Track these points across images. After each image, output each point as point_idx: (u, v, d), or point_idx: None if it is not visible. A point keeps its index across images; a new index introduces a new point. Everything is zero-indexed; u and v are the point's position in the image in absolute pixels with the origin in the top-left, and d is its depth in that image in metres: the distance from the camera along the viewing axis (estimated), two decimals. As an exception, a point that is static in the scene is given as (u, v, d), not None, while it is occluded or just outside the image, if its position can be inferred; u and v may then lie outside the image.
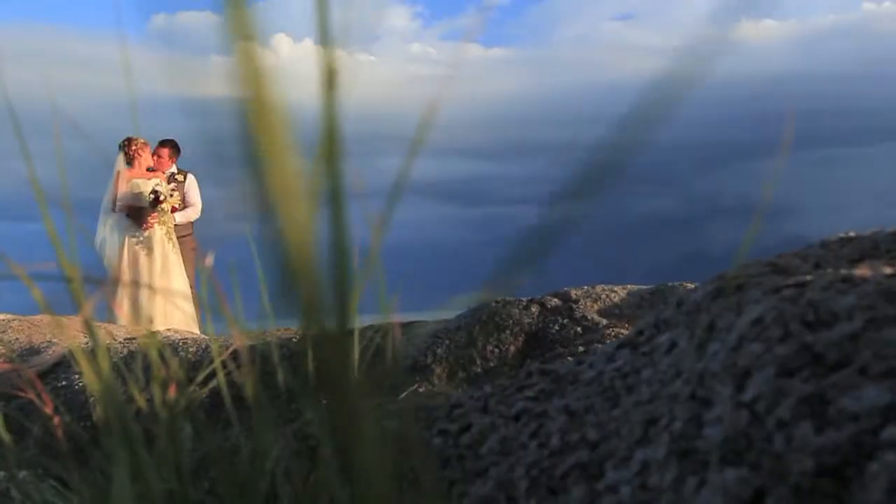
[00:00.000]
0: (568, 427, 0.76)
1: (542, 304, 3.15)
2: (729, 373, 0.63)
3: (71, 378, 2.83)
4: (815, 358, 0.58)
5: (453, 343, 3.10)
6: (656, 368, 0.76)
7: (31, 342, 3.84)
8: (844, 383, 0.54)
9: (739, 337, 0.67)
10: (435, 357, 3.09)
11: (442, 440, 0.87)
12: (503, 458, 0.79)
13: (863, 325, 0.58)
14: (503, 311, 3.13)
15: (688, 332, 0.78)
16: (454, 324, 3.21)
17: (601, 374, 0.86)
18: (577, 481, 0.66)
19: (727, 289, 0.81)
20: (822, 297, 0.64)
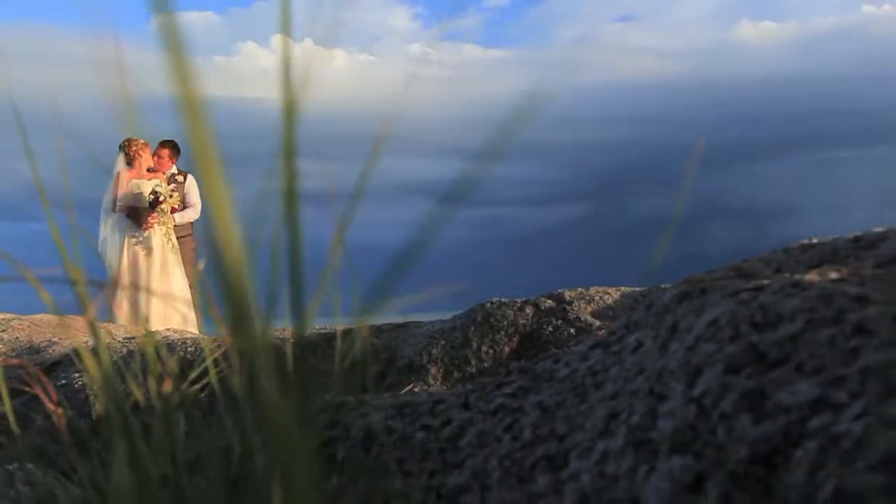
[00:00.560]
0: (540, 421, 0.82)
1: (537, 305, 3.20)
2: (683, 370, 0.69)
3: (71, 377, 2.89)
4: (759, 356, 0.63)
5: (449, 343, 3.15)
6: (622, 366, 0.82)
7: (31, 341, 3.90)
8: (782, 379, 0.59)
9: (696, 337, 0.73)
10: (430, 357, 3.14)
11: (424, 434, 0.93)
12: (479, 450, 0.84)
13: (802, 326, 0.63)
14: (498, 313, 3.19)
15: (653, 333, 0.84)
16: (450, 324, 3.26)
17: (574, 372, 0.91)
18: (543, 471, 0.72)
19: (692, 292, 0.86)
20: (772, 301, 0.70)
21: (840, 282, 0.69)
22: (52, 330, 4.03)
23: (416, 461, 0.89)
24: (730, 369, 0.64)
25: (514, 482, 0.74)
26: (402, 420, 0.98)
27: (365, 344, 2.43)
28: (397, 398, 1.05)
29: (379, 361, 3.22)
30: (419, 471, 0.87)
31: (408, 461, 0.90)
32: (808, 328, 0.63)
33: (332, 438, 0.99)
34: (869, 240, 0.88)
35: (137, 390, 0.69)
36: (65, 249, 0.69)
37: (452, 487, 0.80)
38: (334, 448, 0.98)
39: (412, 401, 1.03)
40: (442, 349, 3.11)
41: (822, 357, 0.59)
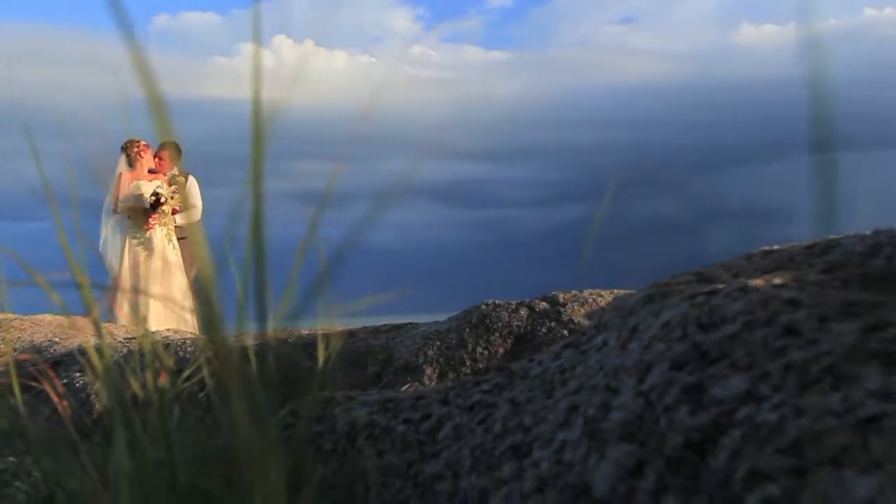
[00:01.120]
0: (510, 415, 0.88)
1: (531, 307, 3.26)
2: (636, 367, 0.75)
3: (72, 376, 2.96)
4: (701, 354, 0.70)
5: (444, 345, 3.22)
6: (587, 364, 0.88)
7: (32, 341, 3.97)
8: (718, 374, 0.66)
9: (651, 337, 0.79)
10: (426, 358, 3.20)
11: (405, 427, 1.00)
12: (455, 441, 0.91)
13: (741, 328, 0.70)
14: (493, 314, 3.25)
15: (617, 333, 0.90)
16: (445, 326, 3.33)
17: (546, 370, 0.98)
18: (509, 459, 0.79)
19: (656, 295, 0.93)
20: (718, 304, 0.76)
21: (780, 287, 0.75)
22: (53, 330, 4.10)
23: (396, 452, 0.96)
24: (675, 366, 0.71)
25: (483, 469, 0.81)
26: (385, 415, 1.05)
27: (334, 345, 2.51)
28: (382, 394, 1.12)
29: (376, 362, 3.29)
30: (399, 461, 0.94)
31: (388, 452, 0.97)
32: (745, 329, 0.69)
33: (318, 432, 1.06)
34: (821, 247, 0.95)
35: (136, 384, 0.76)
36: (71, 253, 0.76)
37: (427, 476, 0.87)
38: (321, 441, 1.05)
39: (395, 397, 1.09)
40: (437, 350, 3.18)
41: (754, 355, 0.65)
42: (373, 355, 3.35)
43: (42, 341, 4.01)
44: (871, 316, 0.62)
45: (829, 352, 0.60)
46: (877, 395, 0.53)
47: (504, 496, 0.74)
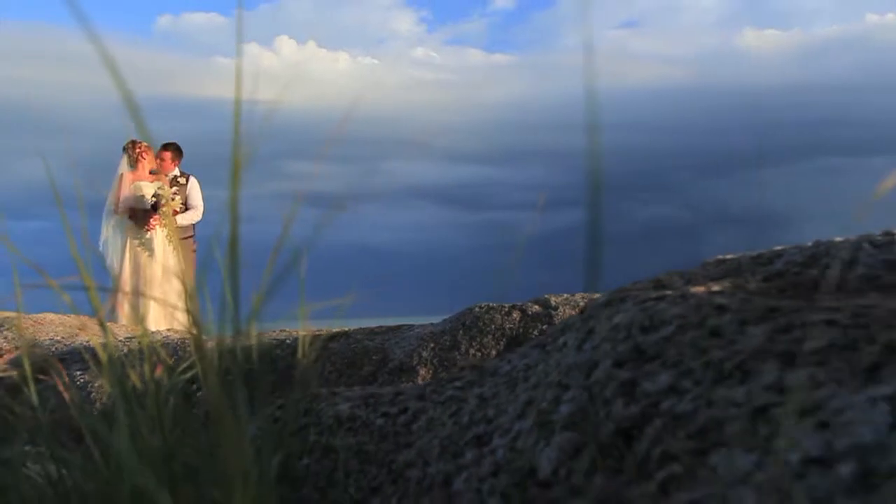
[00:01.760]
0: (477, 409, 0.98)
1: (524, 310, 3.35)
2: (585, 365, 0.85)
3: (73, 374, 3.07)
4: (639, 353, 0.79)
5: (438, 346, 3.31)
6: (547, 363, 0.98)
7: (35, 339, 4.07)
8: (650, 371, 0.75)
9: (601, 338, 0.89)
10: (421, 359, 3.30)
11: (384, 420, 1.09)
12: (427, 433, 1.00)
13: (674, 330, 0.79)
14: (486, 317, 3.35)
15: (576, 334, 1.00)
16: (439, 327, 3.42)
17: (514, 368, 1.07)
18: (472, 447, 0.88)
19: (614, 300, 1.02)
20: (660, 308, 0.86)
21: (714, 294, 0.85)
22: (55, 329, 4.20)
23: (374, 443, 1.05)
24: (616, 364, 0.80)
25: (449, 457, 0.90)
26: (366, 409, 1.14)
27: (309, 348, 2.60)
28: (364, 390, 1.21)
29: (371, 362, 3.38)
30: (376, 450, 1.03)
31: (368, 443, 1.06)
32: (678, 331, 0.79)
33: (305, 424, 1.15)
34: (766, 257, 1.04)
35: (135, 377, 0.86)
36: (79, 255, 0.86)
37: (401, 463, 0.97)
38: (307, 433, 1.14)
39: (377, 392, 1.19)
40: (432, 351, 3.27)
41: (683, 354, 0.75)
42: (368, 356, 3.44)
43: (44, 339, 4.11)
44: (783, 320, 0.72)
45: (742, 351, 0.69)
46: (770, 389, 0.62)
47: (464, 479, 0.84)
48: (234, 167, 0.70)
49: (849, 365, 0.59)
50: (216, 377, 0.52)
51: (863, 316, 0.68)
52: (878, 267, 0.90)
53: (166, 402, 0.83)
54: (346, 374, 3.40)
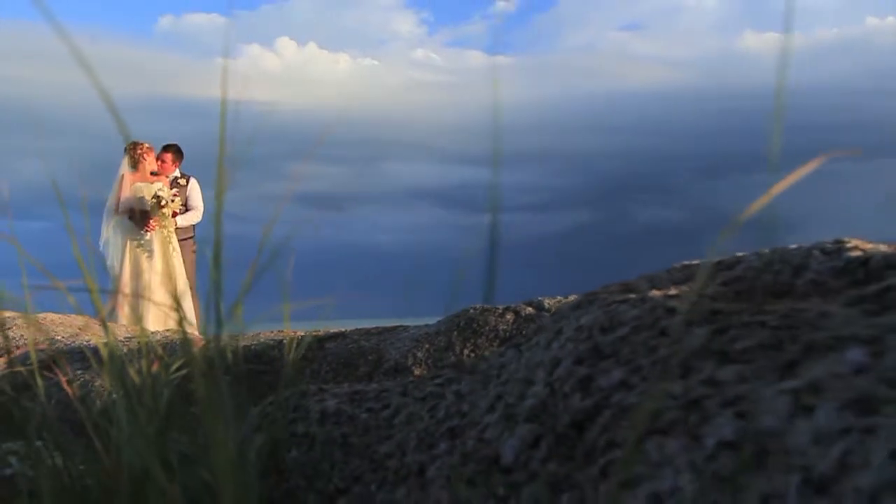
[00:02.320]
0: (453, 404, 1.05)
1: (517, 312, 3.43)
2: (550, 363, 0.92)
3: (73, 373, 3.14)
4: (598, 352, 0.87)
5: (433, 347, 3.39)
6: (519, 362, 1.05)
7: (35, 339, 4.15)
8: (606, 368, 0.83)
9: (567, 338, 0.96)
10: (415, 360, 3.38)
11: (368, 415, 1.16)
12: (407, 426, 1.08)
13: (630, 331, 0.86)
14: (480, 318, 3.42)
15: (547, 335, 1.07)
16: (434, 329, 3.49)
17: (490, 366, 1.14)
18: (446, 438, 0.95)
19: (584, 302, 1.10)
20: (620, 311, 0.93)
21: (669, 297, 0.92)
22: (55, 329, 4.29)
23: (357, 436, 1.12)
24: (576, 361, 0.87)
25: (425, 448, 0.98)
26: (351, 404, 1.22)
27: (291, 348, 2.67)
28: (351, 387, 1.29)
29: (367, 363, 3.46)
30: (359, 443, 1.11)
31: (352, 436, 1.13)
32: (633, 332, 0.86)
33: (293, 419, 1.23)
34: (727, 263, 1.11)
35: (133, 372, 0.93)
36: (81, 258, 0.94)
37: (381, 454, 1.04)
38: (295, 426, 1.22)
39: (362, 389, 1.26)
40: (426, 352, 3.34)
41: (635, 352, 0.82)
42: (364, 356, 3.52)
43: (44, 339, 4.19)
44: (723, 321, 0.79)
45: (685, 349, 0.77)
46: (704, 383, 0.69)
47: (437, 468, 0.91)
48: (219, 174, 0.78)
49: (771, 362, 0.67)
50: (202, 374, 0.60)
51: (792, 318, 0.75)
52: (825, 273, 0.97)
53: (161, 395, 0.91)
54: (342, 373, 3.48)
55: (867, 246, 1.02)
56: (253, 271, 0.76)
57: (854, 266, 0.95)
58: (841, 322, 0.71)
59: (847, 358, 0.60)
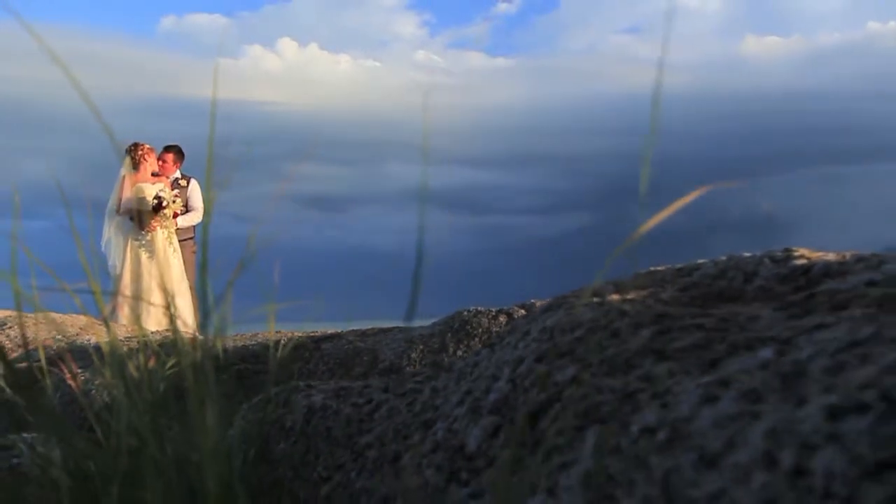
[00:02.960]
0: (429, 399, 1.14)
1: (510, 314, 3.52)
2: (515, 360, 1.01)
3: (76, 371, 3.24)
4: (556, 351, 0.96)
5: (427, 348, 3.48)
6: (490, 360, 1.14)
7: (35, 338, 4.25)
8: (562, 365, 0.92)
9: (532, 338, 1.05)
10: (409, 360, 3.47)
11: (352, 409, 1.26)
12: (387, 420, 1.17)
13: (585, 332, 0.95)
14: (474, 321, 3.51)
15: (517, 335, 1.16)
16: (429, 330, 3.59)
17: (466, 364, 1.23)
18: (419, 430, 1.04)
19: (553, 305, 1.19)
20: (581, 313, 1.02)
21: (623, 301, 1.01)
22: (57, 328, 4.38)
23: (341, 428, 1.21)
24: (537, 359, 0.96)
25: (401, 438, 1.07)
26: (336, 400, 1.31)
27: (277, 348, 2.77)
28: (337, 384, 1.38)
29: (362, 363, 3.55)
30: (342, 435, 1.20)
31: (335, 428, 1.22)
32: (588, 333, 0.95)
33: (283, 413, 1.32)
34: (687, 270, 1.20)
35: (132, 366, 1.02)
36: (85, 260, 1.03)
37: (362, 445, 1.13)
38: (284, 420, 1.31)
39: (347, 386, 1.35)
40: (420, 353, 3.44)
41: (588, 351, 0.91)
42: (359, 356, 3.61)
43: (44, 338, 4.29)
44: (666, 323, 0.88)
45: (630, 349, 0.85)
46: (640, 378, 0.78)
47: (410, 456, 1.00)
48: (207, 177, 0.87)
49: (699, 360, 0.76)
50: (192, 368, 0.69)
51: (727, 321, 0.84)
52: (772, 279, 1.06)
53: (157, 388, 1.00)
54: (337, 373, 3.57)
55: (814, 255, 1.11)
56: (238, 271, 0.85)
57: (797, 273, 1.04)
58: (765, 325, 0.80)
59: (758, 356, 0.69)
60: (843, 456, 0.46)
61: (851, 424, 0.49)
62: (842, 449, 0.47)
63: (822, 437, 0.49)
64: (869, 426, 0.47)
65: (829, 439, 0.48)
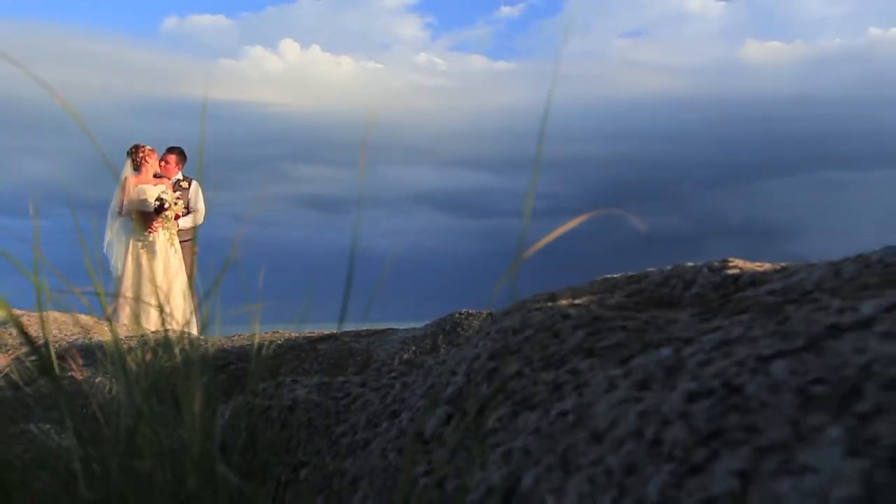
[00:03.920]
0: (399, 392, 1.28)
1: (500, 316, 3.62)
2: (472, 358, 1.14)
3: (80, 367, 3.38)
4: (507, 349, 1.09)
5: (419, 349, 3.62)
6: (455, 358, 1.28)
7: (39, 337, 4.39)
8: (510, 361, 1.05)
9: (489, 338, 1.18)
10: (402, 361, 3.60)
11: (331, 401, 1.39)
12: (361, 411, 1.31)
13: (533, 332, 1.09)
14: (465, 322, 3.65)
15: (479, 336, 1.29)
16: (421, 332, 3.73)
17: (435, 363, 1.37)
18: (388, 419, 1.18)
19: (513, 309, 1.32)
20: (532, 315, 1.15)
21: (569, 305, 1.14)
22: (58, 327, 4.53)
23: (320, 419, 1.35)
24: (489, 357, 1.10)
25: (371, 427, 1.20)
26: (318, 393, 1.44)
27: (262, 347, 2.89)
28: (320, 379, 1.52)
29: (355, 363, 3.69)
30: (321, 425, 1.33)
31: (317, 419, 1.36)
32: (535, 333, 1.08)
33: (269, 406, 1.46)
34: (637, 277, 1.33)
35: (131, 360, 1.16)
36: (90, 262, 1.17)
37: (337, 433, 1.27)
38: (270, 412, 1.44)
39: (329, 381, 1.49)
40: (413, 354, 3.57)
41: (533, 349, 1.04)
42: (353, 357, 3.75)
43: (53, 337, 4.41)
44: (599, 325, 1.01)
45: (566, 347, 0.99)
46: (569, 372, 0.91)
47: (378, 442, 1.14)
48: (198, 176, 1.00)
49: (617, 356, 0.89)
50: (182, 365, 0.82)
51: (648, 323, 0.97)
52: (706, 287, 1.20)
53: (152, 378, 1.14)
54: (332, 373, 3.71)
55: (746, 265, 1.24)
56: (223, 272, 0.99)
57: (729, 282, 1.18)
58: (679, 327, 0.94)
59: (660, 353, 0.82)
60: (687, 429, 0.60)
61: (699, 405, 0.62)
62: (686, 423, 0.60)
63: (676, 415, 0.62)
64: (709, 406, 0.61)
65: (681, 416, 0.62)
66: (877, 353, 0.55)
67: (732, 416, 0.58)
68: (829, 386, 0.54)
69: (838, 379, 0.54)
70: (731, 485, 0.51)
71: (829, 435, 0.49)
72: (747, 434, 0.55)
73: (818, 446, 0.49)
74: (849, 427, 0.49)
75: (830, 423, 0.50)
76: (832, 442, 0.48)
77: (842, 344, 0.60)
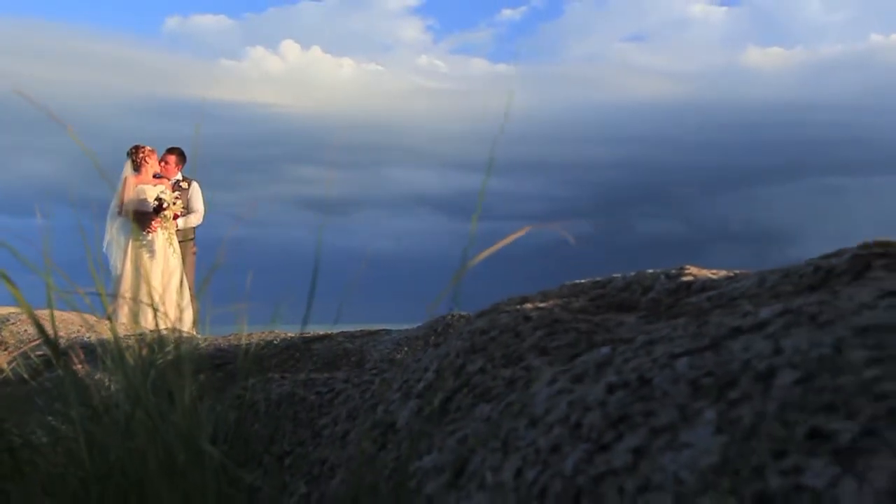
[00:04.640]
0: (378, 387, 1.39)
1: (491, 319, 3.73)
2: (442, 356, 1.25)
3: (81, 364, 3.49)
4: (473, 348, 1.20)
5: (412, 350, 3.72)
6: (429, 356, 1.39)
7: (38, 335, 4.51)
8: (476, 359, 1.16)
9: (462, 338, 1.30)
10: (395, 362, 3.70)
11: (315, 396, 1.50)
12: (343, 405, 1.42)
13: (498, 333, 1.20)
14: (457, 324, 3.75)
15: (454, 335, 1.40)
16: (414, 333, 3.83)
17: (412, 360, 1.48)
18: (366, 412, 1.29)
19: (487, 311, 1.43)
20: (500, 317, 1.26)
21: (536, 308, 1.25)
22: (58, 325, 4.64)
23: (305, 412, 1.46)
24: (457, 355, 1.21)
25: (350, 419, 1.31)
26: (304, 389, 1.56)
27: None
28: (307, 376, 1.63)
29: (349, 363, 3.79)
30: (306, 418, 1.45)
31: (302, 413, 1.47)
32: (500, 333, 1.19)
33: (256, 400, 1.57)
34: (602, 283, 1.44)
35: (129, 355, 1.27)
36: (93, 266, 1.28)
37: (320, 426, 1.38)
38: (258, 406, 1.56)
39: (314, 377, 1.60)
40: (405, 355, 3.67)
41: (496, 348, 1.15)
42: (347, 357, 3.86)
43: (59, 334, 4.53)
44: (556, 327, 1.12)
45: (524, 346, 1.10)
46: (524, 368, 1.02)
47: (355, 433, 1.25)
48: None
49: (565, 355, 1.00)
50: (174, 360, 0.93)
51: (599, 325, 1.08)
52: (662, 292, 1.30)
53: (148, 373, 1.25)
54: (325, 373, 3.82)
55: (701, 273, 1.35)
56: (213, 271, 1.10)
57: (682, 288, 1.29)
58: (625, 329, 1.05)
59: (601, 352, 0.93)
60: (602, 414, 0.71)
61: (615, 395, 0.73)
62: (603, 410, 0.71)
63: (596, 403, 0.73)
64: (623, 396, 0.72)
65: (600, 405, 0.73)
66: (757, 351, 0.66)
67: (638, 404, 0.69)
68: (715, 378, 0.65)
69: (723, 372, 0.65)
70: (627, 459, 0.62)
71: (705, 417, 0.60)
72: (646, 418, 0.66)
73: (695, 427, 0.60)
74: (720, 411, 0.60)
75: (708, 407, 0.61)
76: (706, 423, 0.59)
77: (736, 343, 0.71)
